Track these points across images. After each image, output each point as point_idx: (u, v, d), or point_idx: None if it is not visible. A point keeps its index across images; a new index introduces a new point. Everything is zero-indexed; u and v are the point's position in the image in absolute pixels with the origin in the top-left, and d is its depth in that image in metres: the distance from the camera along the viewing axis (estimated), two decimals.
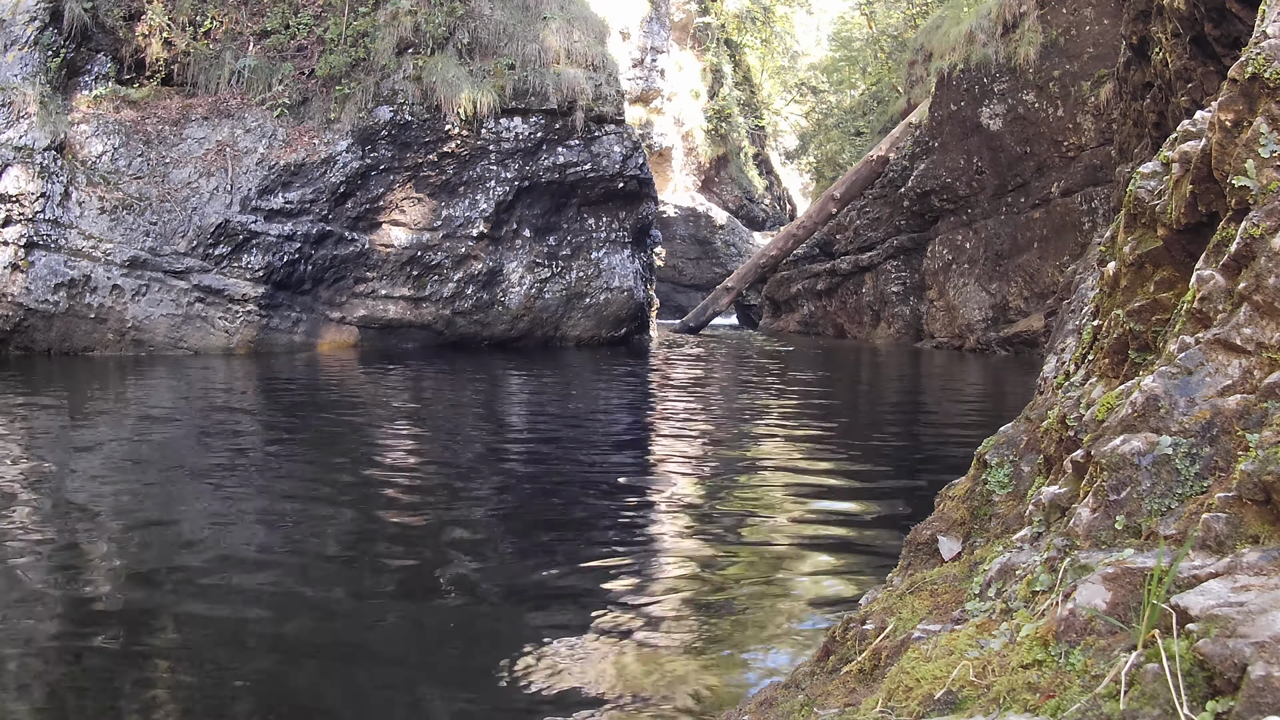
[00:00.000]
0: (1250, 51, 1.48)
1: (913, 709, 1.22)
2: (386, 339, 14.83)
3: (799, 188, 37.15)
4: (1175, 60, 5.45)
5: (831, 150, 27.29)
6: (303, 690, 2.75)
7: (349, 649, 3.03)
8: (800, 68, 36.91)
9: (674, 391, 10.33)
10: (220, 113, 14.13)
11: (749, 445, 6.90)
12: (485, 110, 14.55)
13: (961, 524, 1.84)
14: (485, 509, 4.88)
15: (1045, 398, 2.06)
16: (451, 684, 2.81)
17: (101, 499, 4.91)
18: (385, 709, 2.64)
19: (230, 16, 14.87)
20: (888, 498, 5.19)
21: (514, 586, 3.65)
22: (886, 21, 26.47)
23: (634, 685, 2.71)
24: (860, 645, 1.58)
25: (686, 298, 28.27)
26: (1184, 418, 1.32)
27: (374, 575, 3.76)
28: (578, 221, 15.71)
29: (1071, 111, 14.35)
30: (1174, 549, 1.19)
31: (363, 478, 5.49)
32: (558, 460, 6.31)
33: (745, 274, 21.44)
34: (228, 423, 7.52)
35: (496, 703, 2.64)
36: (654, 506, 4.99)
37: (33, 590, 3.47)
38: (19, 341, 12.51)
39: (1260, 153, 1.41)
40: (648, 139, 27.80)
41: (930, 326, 17.15)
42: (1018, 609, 1.33)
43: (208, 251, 13.36)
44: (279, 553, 4.04)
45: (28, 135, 12.50)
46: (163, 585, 3.57)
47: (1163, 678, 0.99)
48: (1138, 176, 1.71)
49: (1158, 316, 1.61)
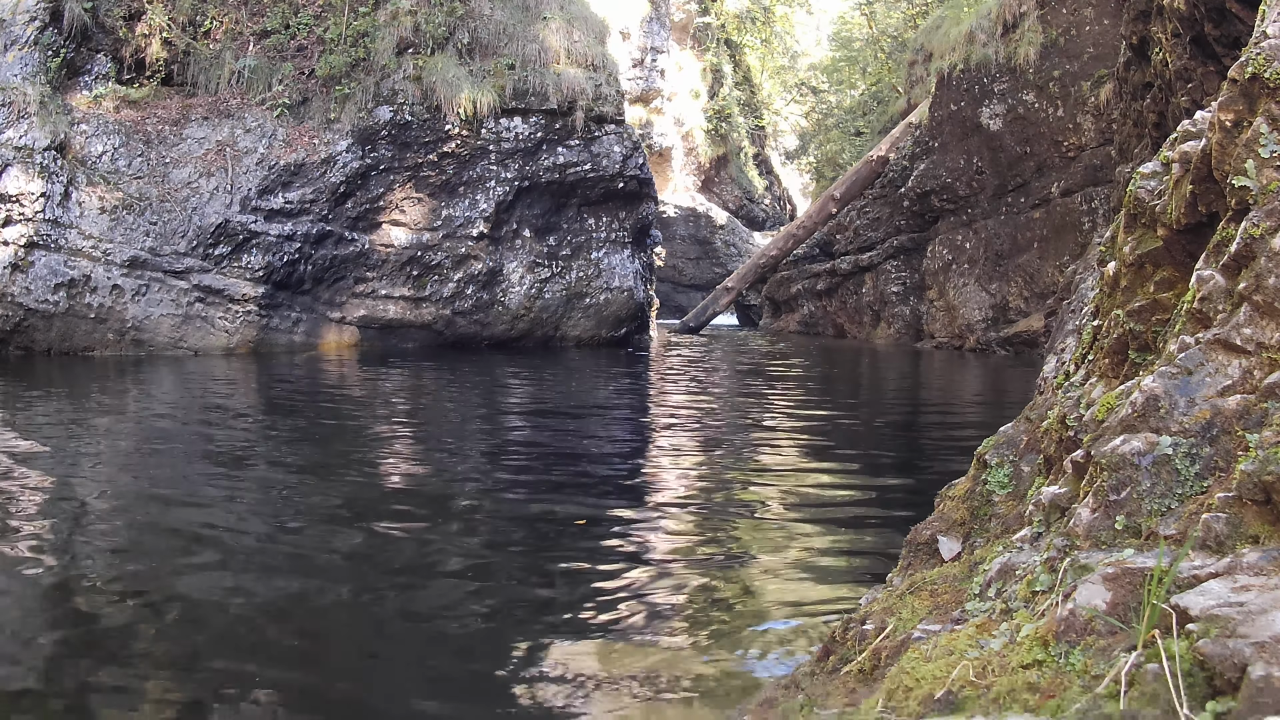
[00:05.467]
0: (1250, 51, 1.48)
1: (913, 709, 1.22)
2: (386, 339, 14.83)
3: (799, 188, 37.16)
4: (1175, 60, 5.45)
5: (831, 150, 27.30)
6: (300, 694, 2.75)
7: (348, 652, 3.03)
8: (800, 68, 36.92)
9: (674, 392, 10.33)
10: (220, 113, 14.13)
11: (749, 445, 6.90)
12: (485, 110, 14.55)
13: (961, 524, 1.84)
14: (484, 510, 4.88)
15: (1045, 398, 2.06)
16: (451, 685, 2.81)
17: (101, 498, 4.91)
18: (382, 711, 2.64)
19: (230, 16, 14.87)
20: (888, 498, 5.19)
21: (514, 587, 3.65)
22: (886, 21, 26.47)
23: (634, 685, 2.71)
24: (860, 645, 1.58)
25: (686, 298, 28.28)
26: (1184, 418, 1.32)
27: (372, 575, 3.76)
28: (578, 221, 15.71)
29: (1071, 111, 14.35)
30: (1174, 549, 1.19)
31: (362, 478, 5.49)
32: (558, 460, 6.31)
33: (745, 274, 21.45)
34: (227, 423, 7.52)
35: (496, 703, 2.64)
36: (653, 506, 4.99)
37: (32, 589, 3.47)
38: (19, 341, 12.51)
39: (1260, 153, 1.41)
40: (648, 139, 27.82)
41: (930, 326, 17.15)
42: (1018, 609, 1.33)
43: (208, 251, 13.36)
44: (277, 553, 4.05)
45: (28, 135, 12.50)
46: (160, 586, 3.57)
47: (1163, 678, 0.99)
48: (1138, 176, 1.71)
49: (1158, 316, 1.61)
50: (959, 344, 16.08)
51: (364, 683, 2.78)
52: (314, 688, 2.77)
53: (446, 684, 2.82)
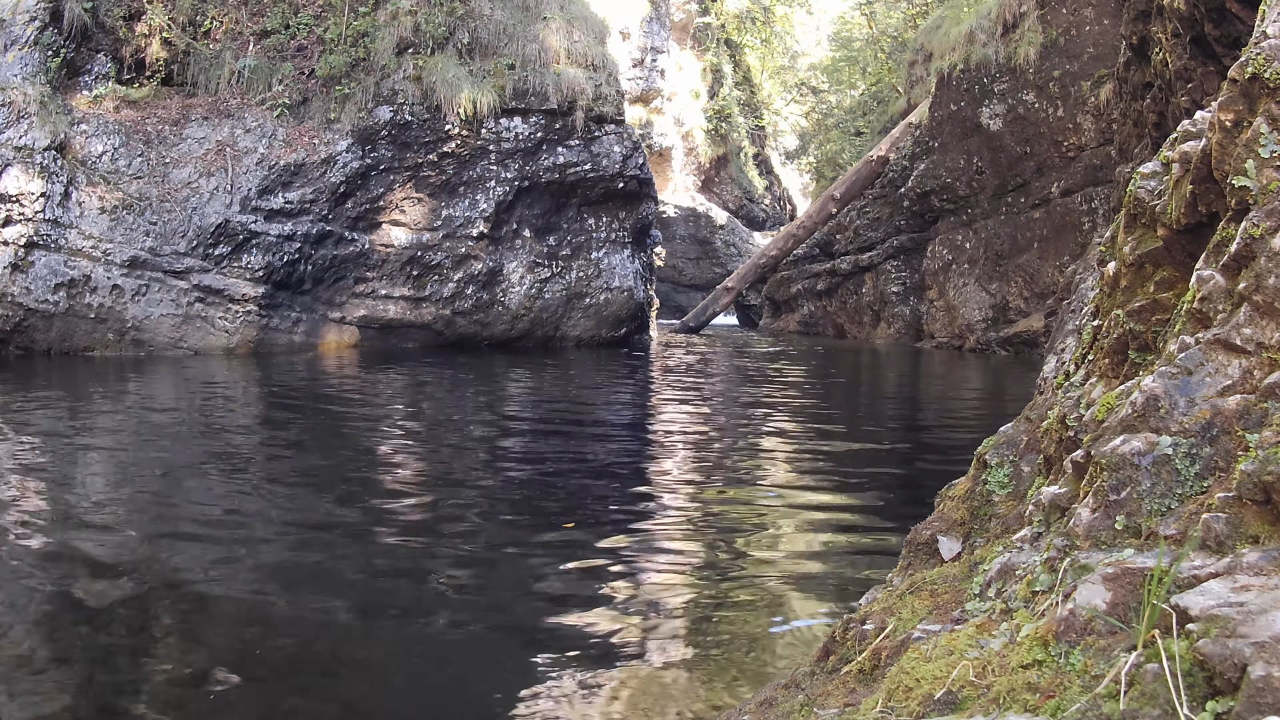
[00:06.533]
0: (1250, 51, 1.48)
1: (913, 709, 1.22)
2: (387, 339, 14.83)
3: (799, 188, 37.15)
4: (1175, 60, 5.45)
5: (831, 150, 27.29)
6: (297, 699, 2.75)
7: (348, 653, 3.03)
8: (800, 68, 36.90)
9: (674, 392, 10.33)
10: (220, 113, 14.13)
11: (749, 446, 6.90)
12: (485, 110, 14.55)
13: (961, 524, 1.84)
14: (484, 510, 4.88)
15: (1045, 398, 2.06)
16: (451, 685, 2.81)
17: (100, 498, 4.90)
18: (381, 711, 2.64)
19: (230, 16, 14.86)
20: (888, 498, 5.19)
21: (514, 588, 3.65)
22: (886, 21, 26.47)
23: (634, 685, 2.71)
24: (860, 645, 1.58)
25: (686, 298, 28.26)
26: (1184, 418, 1.32)
27: (369, 581, 3.76)
28: (578, 221, 15.71)
29: (1071, 111, 14.35)
30: (1174, 549, 1.19)
31: (361, 478, 5.49)
32: (557, 461, 6.31)
33: (745, 274, 21.44)
34: (227, 423, 7.52)
35: (495, 703, 2.63)
36: (653, 506, 4.99)
37: (29, 588, 3.47)
38: (19, 341, 12.50)
39: (1260, 153, 1.41)
40: (648, 139, 27.80)
41: (930, 326, 17.15)
42: (1018, 609, 1.33)
43: (208, 251, 13.36)
44: (276, 555, 4.04)
45: (28, 135, 12.50)
46: (157, 587, 3.57)
47: (1163, 678, 0.99)
48: (1138, 176, 1.71)
49: (1158, 316, 1.61)
50: (959, 344, 16.08)
51: (359, 692, 2.78)
52: (307, 693, 2.77)
53: (446, 685, 2.81)
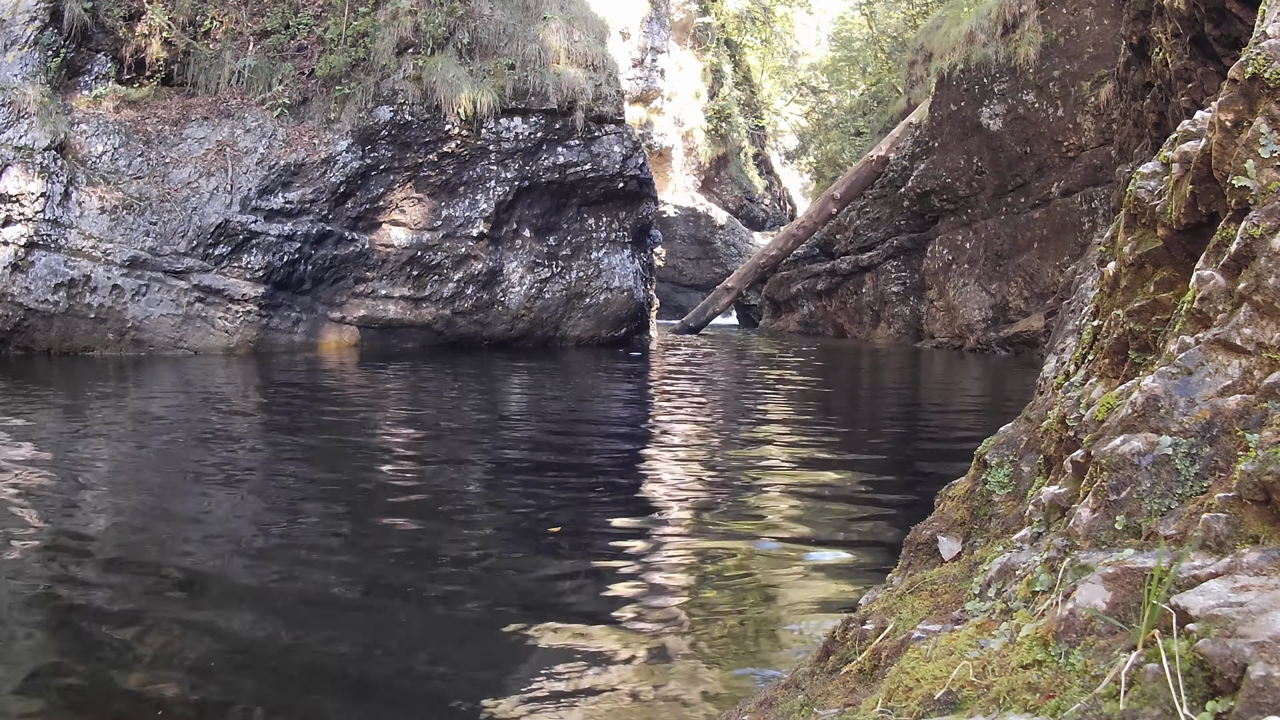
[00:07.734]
0: (1250, 51, 1.48)
1: (913, 709, 1.22)
2: (387, 339, 14.83)
3: (799, 188, 37.15)
4: (1175, 60, 5.45)
5: (831, 150, 27.29)
6: (296, 699, 2.75)
7: (346, 654, 3.03)
8: (800, 68, 36.90)
9: (674, 392, 10.33)
10: (220, 113, 14.13)
11: (749, 445, 6.90)
12: (485, 110, 14.55)
13: (961, 524, 1.84)
14: (484, 510, 4.88)
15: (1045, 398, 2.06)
16: (448, 685, 2.81)
17: (100, 497, 4.90)
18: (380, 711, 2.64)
19: (230, 16, 14.86)
20: (888, 497, 5.19)
21: (513, 588, 3.65)
22: (886, 21, 26.47)
23: (634, 685, 2.71)
24: (860, 645, 1.58)
25: (686, 298, 28.26)
26: (1184, 418, 1.32)
27: (371, 579, 3.76)
28: (578, 221, 15.70)
29: (1071, 111, 14.35)
30: (1174, 549, 1.19)
31: (361, 478, 5.49)
32: (557, 461, 6.31)
33: (745, 274, 21.44)
34: (227, 423, 7.52)
35: (494, 703, 2.63)
36: (653, 506, 4.99)
37: (29, 587, 3.47)
38: (19, 341, 12.50)
39: (1260, 153, 1.40)
40: (648, 139, 27.79)
41: (930, 326, 17.14)
42: (1018, 609, 1.33)
43: (208, 251, 13.36)
44: (274, 556, 4.04)
45: (28, 135, 12.50)
46: (154, 588, 3.57)
47: (1163, 678, 0.99)
48: (1138, 176, 1.71)
49: (1158, 316, 1.61)
50: (959, 344, 16.08)
51: (358, 692, 2.78)
52: (307, 693, 2.77)
53: (443, 685, 2.81)
